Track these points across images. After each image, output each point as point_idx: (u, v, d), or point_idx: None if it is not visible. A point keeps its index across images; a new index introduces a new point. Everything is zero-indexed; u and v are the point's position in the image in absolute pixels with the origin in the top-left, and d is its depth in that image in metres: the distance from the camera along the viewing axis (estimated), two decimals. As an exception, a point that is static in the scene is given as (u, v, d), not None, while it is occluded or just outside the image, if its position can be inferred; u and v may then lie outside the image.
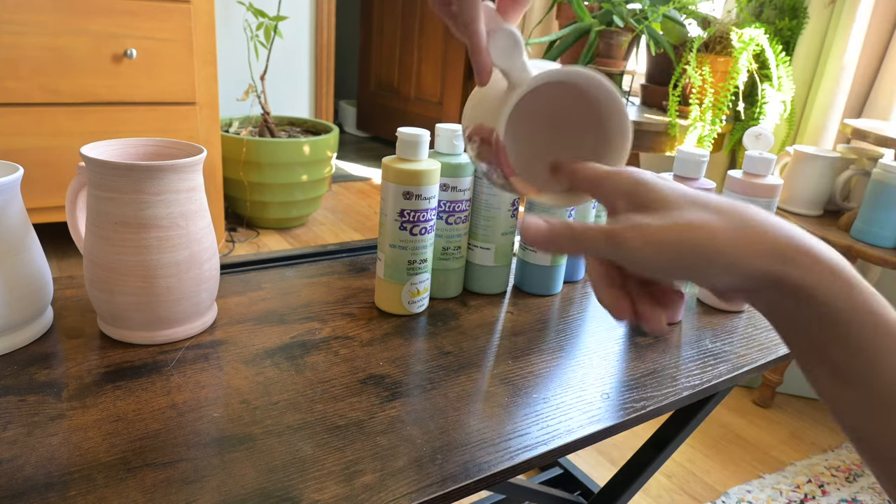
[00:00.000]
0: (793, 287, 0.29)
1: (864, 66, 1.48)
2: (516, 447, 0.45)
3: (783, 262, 0.29)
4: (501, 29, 0.39)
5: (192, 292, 0.52)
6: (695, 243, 0.30)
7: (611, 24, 1.54)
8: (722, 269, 0.30)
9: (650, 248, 0.30)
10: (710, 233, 0.30)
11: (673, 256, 0.30)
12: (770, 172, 0.67)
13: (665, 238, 0.30)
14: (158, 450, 0.41)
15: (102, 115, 1.59)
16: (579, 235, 0.33)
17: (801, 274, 0.29)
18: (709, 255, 0.30)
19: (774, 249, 0.29)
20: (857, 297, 0.28)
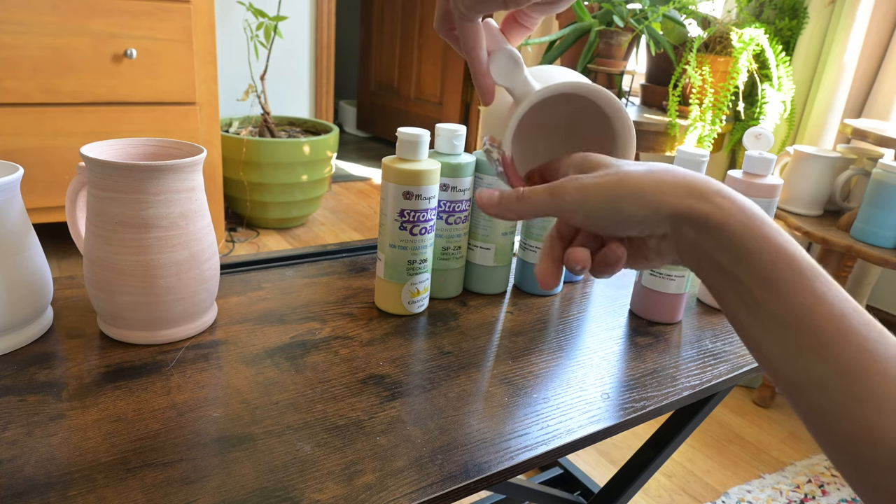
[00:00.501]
0: (703, 219, 0.32)
1: (864, 66, 1.48)
2: (516, 447, 0.45)
3: (697, 198, 0.33)
4: (501, 51, 0.41)
5: (192, 292, 0.52)
6: (624, 188, 0.34)
7: (611, 24, 1.54)
8: (645, 208, 0.34)
9: (585, 196, 0.35)
10: (636, 179, 0.34)
11: (604, 200, 0.34)
12: (770, 172, 0.67)
13: (598, 184, 0.35)
14: (158, 450, 0.41)
15: (102, 115, 1.59)
16: (525, 196, 0.37)
17: (712, 208, 0.32)
18: (634, 195, 0.34)
19: (689, 188, 0.33)
20: (763, 231, 0.32)
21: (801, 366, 0.30)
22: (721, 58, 1.46)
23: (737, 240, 0.32)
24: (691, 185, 0.33)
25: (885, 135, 1.20)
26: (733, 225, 0.32)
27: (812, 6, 1.49)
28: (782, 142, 1.55)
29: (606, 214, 0.34)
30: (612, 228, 0.35)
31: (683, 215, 0.33)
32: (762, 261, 0.31)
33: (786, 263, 0.31)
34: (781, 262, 0.31)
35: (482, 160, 0.65)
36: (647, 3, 1.53)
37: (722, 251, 0.32)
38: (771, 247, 0.31)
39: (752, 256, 0.31)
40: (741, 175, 0.68)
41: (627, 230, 0.35)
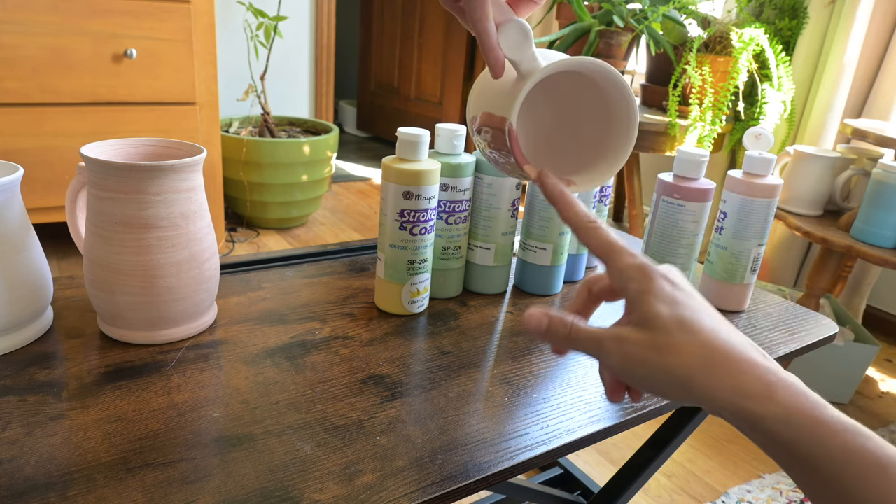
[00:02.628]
0: (751, 422, 0.30)
1: (864, 66, 1.48)
2: (516, 447, 0.45)
3: (745, 398, 0.30)
4: (511, 21, 0.40)
5: (192, 292, 0.52)
6: (667, 371, 0.32)
7: (611, 24, 1.54)
8: (686, 396, 0.32)
9: (627, 364, 0.33)
10: (683, 365, 0.32)
11: (644, 375, 0.33)
12: (770, 172, 0.67)
13: (641, 358, 0.33)
14: (158, 450, 0.41)
15: (102, 115, 1.58)
16: (573, 337, 0.35)
17: (762, 411, 0.30)
18: (676, 383, 0.32)
19: (739, 386, 0.31)
20: (823, 434, 0.29)
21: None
22: (721, 58, 1.46)
23: (795, 446, 0.29)
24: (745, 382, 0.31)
25: (885, 135, 1.20)
26: (793, 430, 0.29)
27: (812, 6, 1.49)
28: (782, 142, 1.55)
29: (650, 391, 0.34)
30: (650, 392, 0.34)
31: (734, 416, 0.31)
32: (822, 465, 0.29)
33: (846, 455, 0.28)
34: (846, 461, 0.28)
35: (482, 160, 0.65)
36: (647, 3, 1.53)
37: (786, 459, 0.30)
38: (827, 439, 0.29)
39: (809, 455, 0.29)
40: (741, 175, 0.68)
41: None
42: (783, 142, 1.56)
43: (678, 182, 0.64)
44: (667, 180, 0.65)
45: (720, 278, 0.70)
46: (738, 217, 0.68)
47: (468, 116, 0.48)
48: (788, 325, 0.69)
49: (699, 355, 0.32)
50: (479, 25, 0.39)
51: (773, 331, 0.67)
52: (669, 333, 0.32)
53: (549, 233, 0.68)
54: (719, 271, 0.70)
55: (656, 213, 0.66)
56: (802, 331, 0.67)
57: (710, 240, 0.72)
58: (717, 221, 0.70)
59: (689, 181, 0.64)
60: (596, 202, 0.74)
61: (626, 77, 1.68)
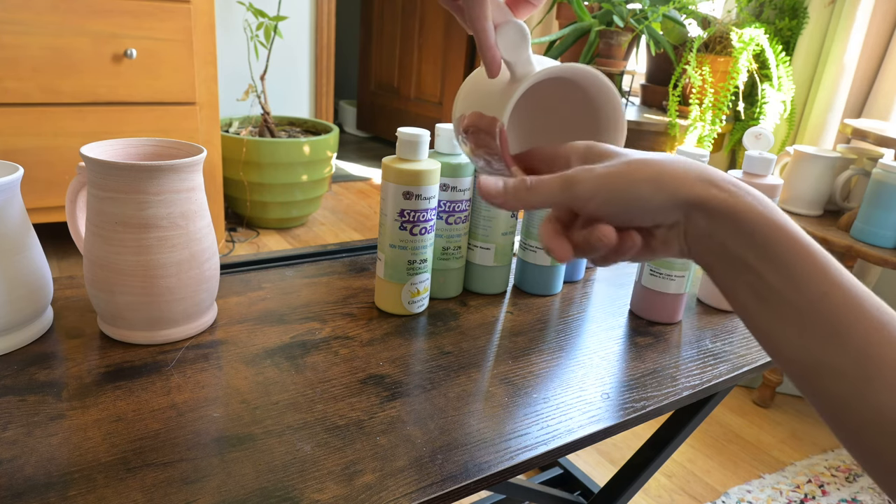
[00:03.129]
0: (719, 205, 0.32)
1: (864, 66, 1.48)
2: (516, 447, 0.45)
3: (712, 185, 0.33)
4: (510, 22, 0.40)
5: (192, 292, 0.52)
6: (640, 174, 0.34)
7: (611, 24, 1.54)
8: (662, 193, 0.33)
9: (600, 185, 0.34)
10: (652, 165, 0.34)
11: (620, 187, 0.34)
12: (770, 172, 0.67)
13: (613, 172, 0.34)
14: (158, 450, 0.41)
15: (102, 115, 1.59)
16: (534, 187, 0.36)
17: (726, 196, 0.32)
18: (652, 180, 0.33)
19: (704, 176, 0.33)
20: (774, 217, 0.32)
21: (817, 353, 0.30)
22: (721, 58, 1.46)
23: (751, 226, 0.32)
24: (705, 173, 0.33)
25: (885, 135, 1.20)
26: (748, 212, 0.32)
27: (812, 6, 1.49)
28: (782, 142, 1.55)
29: (623, 202, 0.34)
30: (625, 216, 0.35)
31: (700, 201, 0.33)
32: (777, 247, 0.31)
33: (799, 249, 0.31)
34: (795, 249, 0.31)
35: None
36: (647, 3, 1.53)
37: (735, 238, 0.32)
38: (784, 234, 0.31)
39: (766, 243, 0.31)
40: (741, 175, 0.68)
41: (641, 218, 0.35)
42: (783, 142, 1.56)
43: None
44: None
45: (720, 278, 0.70)
46: (738, 217, 0.67)
47: (454, 115, 0.48)
48: (788, 325, 0.68)
49: (664, 158, 0.34)
50: (477, 24, 0.40)
51: (773, 331, 0.67)
52: (632, 153, 0.36)
53: (549, 233, 0.68)
54: (719, 271, 0.70)
55: (656, 213, 0.66)
56: (802, 331, 0.67)
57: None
58: (717, 221, 0.70)
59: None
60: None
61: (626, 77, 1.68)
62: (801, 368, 0.31)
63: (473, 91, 0.46)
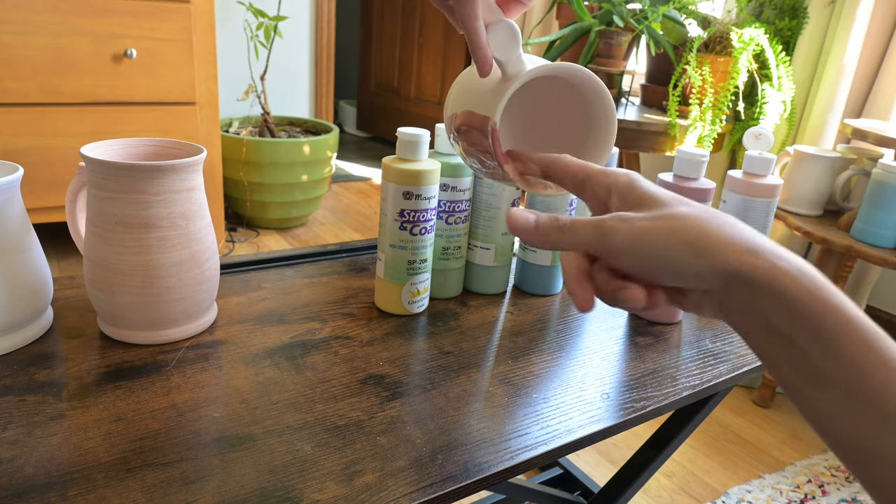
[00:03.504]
0: (762, 279, 0.30)
1: (864, 66, 1.48)
2: (516, 447, 0.45)
3: (755, 255, 0.30)
4: (501, 22, 0.40)
5: (192, 292, 0.52)
6: (680, 236, 0.31)
7: (611, 24, 1.54)
8: (702, 260, 0.31)
9: (637, 241, 0.32)
10: (694, 227, 0.31)
11: (658, 248, 0.32)
12: (770, 172, 0.67)
13: (653, 228, 0.32)
14: (158, 450, 0.41)
15: (102, 115, 1.59)
16: (567, 228, 0.34)
17: (770, 267, 0.30)
18: (692, 246, 0.31)
19: (747, 243, 0.31)
20: (824, 294, 0.29)
21: (867, 439, 0.28)
22: (721, 58, 1.46)
23: (800, 305, 0.29)
24: (749, 241, 0.31)
25: (885, 135, 1.20)
26: (796, 289, 0.29)
27: (812, 6, 1.49)
28: (782, 142, 1.55)
29: (657, 264, 0.32)
30: (657, 276, 0.33)
31: (740, 273, 0.30)
32: (828, 329, 0.28)
33: (850, 330, 0.28)
34: (845, 329, 0.28)
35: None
36: (647, 3, 1.53)
37: (780, 314, 0.29)
38: (834, 311, 0.29)
39: (816, 324, 0.29)
40: (741, 175, 0.68)
41: (674, 280, 0.32)
42: (783, 142, 1.56)
43: (678, 182, 0.64)
44: (667, 180, 0.65)
45: (720, 278, 0.70)
46: (738, 217, 0.67)
47: (446, 114, 0.48)
48: (788, 325, 0.69)
49: (705, 218, 0.32)
50: (467, 24, 0.39)
51: (773, 331, 0.67)
52: (671, 205, 0.33)
53: (549, 233, 0.68)
54: (719, 271, 0.70)
55: (656, 213, 0.66)
56: (802, 331, 0.67)
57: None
58: (717, 221, 0.70)
59: (689, 181, 0.64)
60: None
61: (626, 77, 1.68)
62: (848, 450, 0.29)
63: (465, 90, 0.46)
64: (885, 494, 0.28)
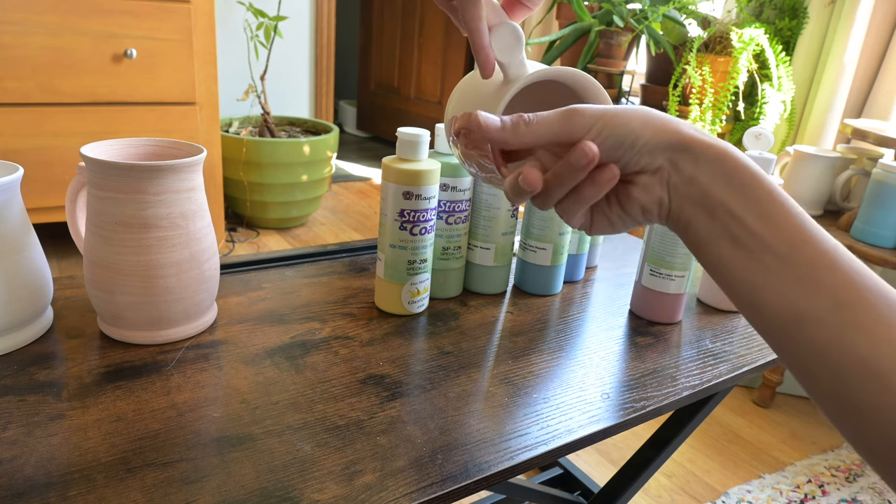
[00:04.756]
0: (705, 149, 0.33)
1: (864, 66, 1.48)
2: (516, 447, 0.45)
3: (696, 132, 0.34)
4: (504, 24, 0.40)
5: (192, 292, 0.52)
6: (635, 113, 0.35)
7: (611, 24, 1.54)
8: (654, 130, 0.34)
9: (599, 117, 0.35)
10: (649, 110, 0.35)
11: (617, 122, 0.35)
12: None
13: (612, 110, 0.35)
14: (158, 450, 0.41)
15: (102, 115, 1.59)
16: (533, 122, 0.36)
17: (710, 141, 0.34)
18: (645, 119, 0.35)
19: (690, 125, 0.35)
20: (755, 168, 0.33)
21: (797, 300, 0.30)
22: (721, 58, 1.46)
23: (734, 170, 0.33)
24: (692, 125, 0.35)
25: (885, 135, 1.20)
26: (731, 157, 0.33)
27: (812, 6, 1.49)
28: (782, 142, 1.55)
29: (616, 136, 0.35)
30: (614, 152, 0.35)
31: (686, 143, 0.34)
32: (758, 192, 0.32)
33: (777, 198, 0.32)
34: (774, 197, 0.32)
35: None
36: (647, 3, 1.53)
37: (719, 182, 0.33)
38: (764, 182, 0.32)
39: (749, 188, 0.32)
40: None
41: (630, 155, 0.35)
42: (783, 142, 1.56)
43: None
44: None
45: (720, 278, 0.70)
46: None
47: (446, 117, 0.48)
48: (788, 325, 0.68)
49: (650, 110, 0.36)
50: (471, 25, 0.40)
51: (773, 331, 0.67)
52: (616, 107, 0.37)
53: (548, 233, 0.68)
54: (719, 271, 0.70)
55: (656, 213, 0.66)
56: (802, 331, 0.67)
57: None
58: (717, 221, 0.70)
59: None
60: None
61: (626, 77, 1.68)
62: (782, 317, 0.31)
63: (466, 93, 0.46)
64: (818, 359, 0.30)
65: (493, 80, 0.43)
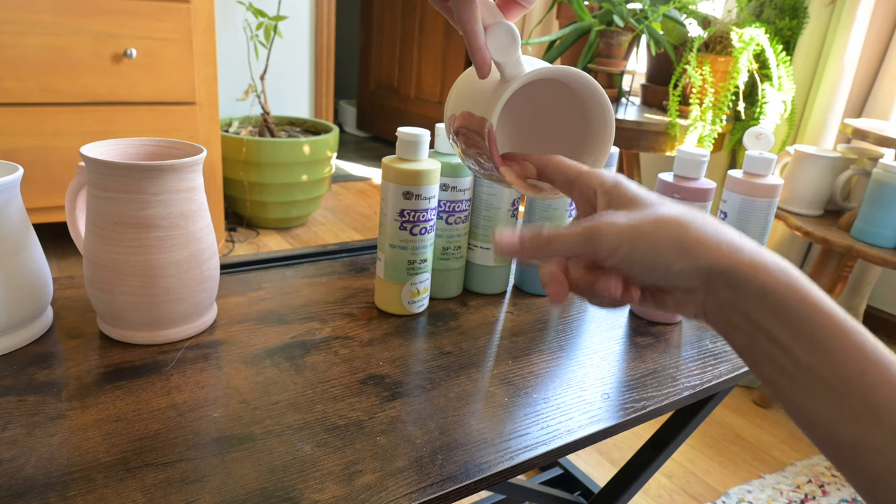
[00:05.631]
0: (744, 277, 0.31)
1: (864, 66, 1.48)
2: (516, 447, 0.45)
3: (737, 252, 0.31)
4: (500, 24, 0.40)
5: (192, 292, 0.52)
6: (664, 234, 0.32)
7: (611, 24, 1.54)
8: (685, 258, 0.32)
9: (623, 241, 0.33)
10: (676, 224, 0.32)
11: (644, 248, 0.32)
12: (770, 172, 0.67)
13: (638, 228, 0.33)
14: (158, 450, 0.41)
15: (102, 115, 1.59)
16: (553, 238, 0.35)
17: (752, 265, 0.31)
18: (675, 243, 0.32)
19: (729, 241, 0.32)
20: (803, 289, 0.30)
21: (852, 429, 0.28)
22: (721, 58, 1.46)
23: (780, 300, 0.30)
24: (730, 240, 0.32)
25: (886, 135, 1.20)
26: (776, 284, 0.30)
27: (812, 6, 1.49)
28: (782, 142, 1.55)
29: (644, 263, 0.33)
30: (644, 276, 0.33)
31: (723, 270, 0.31)
32: (809, 323, 0.29)
33: (833, 326, 0.29)
34: (828, 325, 0.29)
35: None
36: (647, 2, 1.53)
37: (762, 311, 0.30)
38: (816, 309, 0.29)
39: (797, 318, 0.29)
40: (741, 175, 0.68)
41: (660, 280, 0.33)
42: (783, 142, 1.56)
43: (678, 182, 0.64)
44: (667, 180, 0.65)
45: (720, 278, 0.70)
46: (739, 217, 0.68)
47: (446, 115, 0.48)
48: (788, 325, 0.68)
49: (691, 217, 0.33)
50: (466, 26, 0.39)
51: (773, 331, 0.67)
52: (655, 205, 0.34)
53: (549, 233, 0.68)
54: (719, 271, 0.70)
55: (656, 213, 0.66)
56: (802, 331, 0.67)
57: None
58: (718, 221, 0.70)
59: (690, 181, 0.64)
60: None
61: (626, 77, 1.68)
62: (835, 444, 0.29)
63: (464, 91, 0.46)
64: (875, 485, 0.28)
65: (490, 78, 0.43)
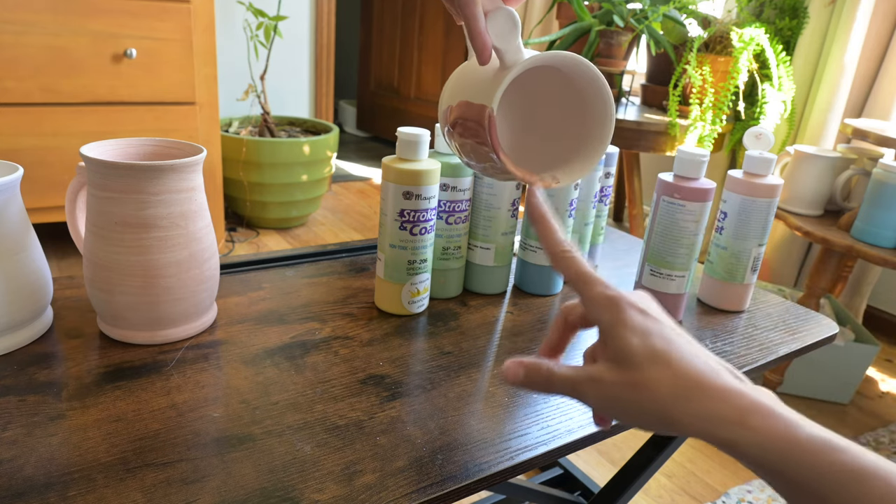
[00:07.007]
0: (728, 448, 0.31)
1: (864, 66, 1.48)
2: (516, 447, 0.45)
3: (719, 426, 0.31)
4: (501, 10, 0.40)
5: (192, 292, 0.52)
6: (642, 408, 0.33)
7: (611, 24, 1.54)
8: (663, 428, 0.33)
9: (603, 404, 0.34)
10: (657, 400, 0.32)
11: (621, 412, 0.34)
12: (770, 172, 0.67)
13: (615, 396, 0.34)
14: (158, 450, 0.41)
15: (102, 114, 1.59)
16: (552, 381, 0.36)
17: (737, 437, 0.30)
18: (652, 418, 0.33)
19: (717, 413, 0.31)
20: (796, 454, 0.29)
21: None
22: (721, 58, 1.46)
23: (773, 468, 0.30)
24: (718, 411, 0.31)
25: (886, 135, 1.20)
26: (769, 454, 0.30)
27: (812, 6, 1.49)
28: (783, 142, 1.55)
29: (625, 421, 0.35)
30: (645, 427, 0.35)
31: (709, 441, 0.31)
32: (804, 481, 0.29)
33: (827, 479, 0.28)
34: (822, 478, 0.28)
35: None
36: (647, 2, 1.53)
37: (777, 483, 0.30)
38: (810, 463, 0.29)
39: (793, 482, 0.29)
40: (741, 175, 0.68)
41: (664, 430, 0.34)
42: (783, 142, 1.56)
43: (678, 182, 0.64)
44: (667, 180, 0.65)
45: (720, 278, 0.70)
46: (739, 217, 0.68)
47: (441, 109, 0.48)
48: (789, 325, 0.69)
49: (672, 387, 0.32)
50: (466, 10, 0.39)
51: (773, 331, 0.67)
52: (642, 369, 0.33)
53: (549, 233, 0.68)
54: (719, 271, 0.70)
55: (656, 213, 0.66)
56: (803, 331, 0.67)
57: (710, 240, 0.72)
58: (718, 221, 0.70)
59: (690, 181, 0.64)
60: (596, 202, 0.74)
61: (626, 77, 1.68)
62: None
63: (461, 82, 0.46)
64: None
65: (489, 66, 0.43)
